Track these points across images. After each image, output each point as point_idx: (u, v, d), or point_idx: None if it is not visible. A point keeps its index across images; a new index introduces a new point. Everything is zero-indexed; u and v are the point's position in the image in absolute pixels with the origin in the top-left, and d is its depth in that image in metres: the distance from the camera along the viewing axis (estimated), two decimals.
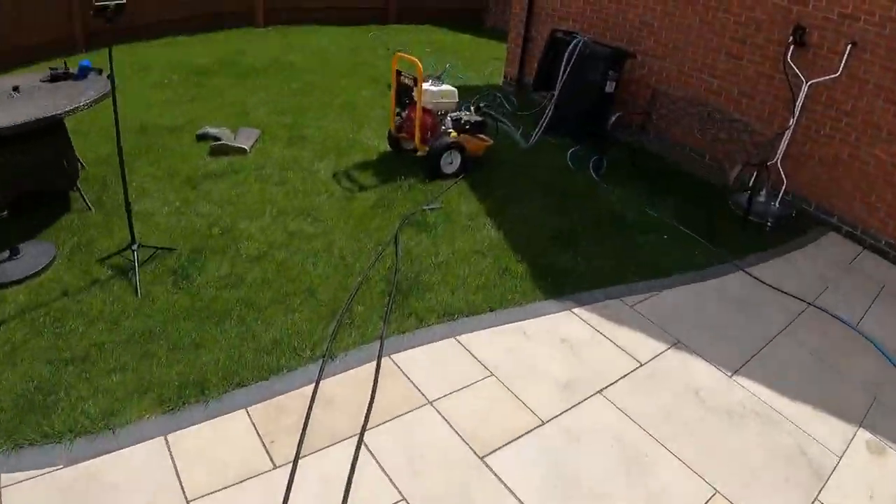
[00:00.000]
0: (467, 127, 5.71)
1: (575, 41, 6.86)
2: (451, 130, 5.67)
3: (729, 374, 3.63)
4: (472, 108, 6.00)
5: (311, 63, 8.99)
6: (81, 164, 5.58)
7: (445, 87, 5.57)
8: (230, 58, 9.00)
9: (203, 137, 6.22)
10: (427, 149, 5.49)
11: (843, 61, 5.28)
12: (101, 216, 4.77)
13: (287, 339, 3.55)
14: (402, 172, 5.54)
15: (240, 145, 5.90)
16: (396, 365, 3.41)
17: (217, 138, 6.15)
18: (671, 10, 6.69)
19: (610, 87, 6.79)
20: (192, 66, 8.61)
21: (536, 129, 6.80)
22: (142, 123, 6.49)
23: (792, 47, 5.61)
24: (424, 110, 5.51)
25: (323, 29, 11.09)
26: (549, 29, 7.94)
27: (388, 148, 6.07)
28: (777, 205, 5.69)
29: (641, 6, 6.99)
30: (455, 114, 5.79)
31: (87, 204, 4.97)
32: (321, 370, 3.34)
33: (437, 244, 4.51)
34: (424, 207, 4.97)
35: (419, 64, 5.29)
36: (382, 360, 3.43)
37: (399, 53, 5.66)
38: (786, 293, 4.49)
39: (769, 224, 5.47)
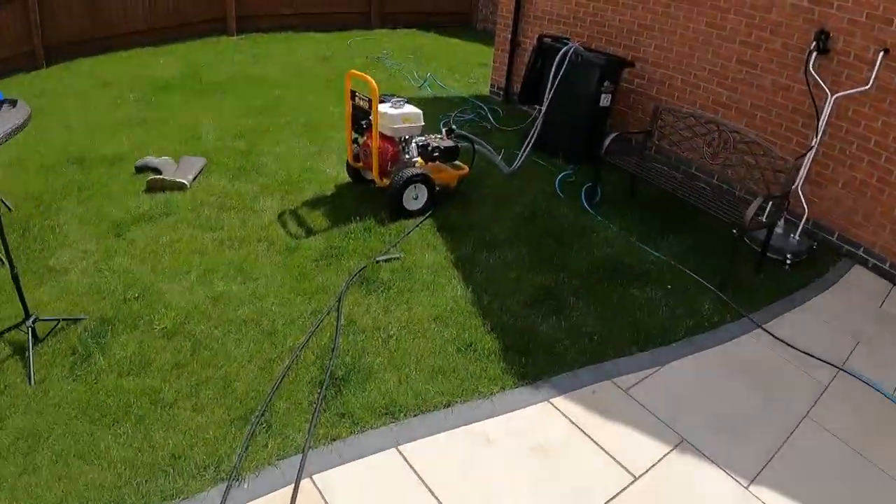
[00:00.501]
0: (436, 154, 4.96)
1: (565, 48, 6.09)
2: (416, 159, 4.93)
3: (745, 483, 2.88)
4: (443, 129, 5.24)
5: (280, 76, 8.27)
6: (6, 205, 4.91)
7: (408, 108, 4.81)
8: (194, 71, 8.29)
9: (142, 169, 5.53)
10: (387, 182, 4.75)
11: (874, 71, 4.49)
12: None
13: (189, 450, 2.84)
14: (360, 210, 4.81)
15: (179, 180, 5.19)
16: (318, 490, 2.68)
17: (157, 170, 5.46)
18: (673, 13, 5.91)
19: (605, 101, 6.02)
20: (152, 81, 7.91)
21: (522, 150, 6.04)
22: (81, 153, 5.80)
23: (814, 55, 4.82)
24: (383, 137, 4.77)
25: (300, 36, 10.37)
26: (540, 33, 7.18)
27: (348, 178, 5.33)
28: (797, 237, 4.92)
29: (640, 7, 6.21)
30: (422, 138, 5.04)
31: None
32: (224, 498, 2.63)
33: (388, 310, 3.76)
34: (378, 259, 4.22)
35: (373, 83, 4.53)
36: (302, 481, 2.70)
37: (352, 71, 4.89)
38: (811, 356, 3.73)
39: (788, 261, 4.70)
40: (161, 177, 5.20)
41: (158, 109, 7.01)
